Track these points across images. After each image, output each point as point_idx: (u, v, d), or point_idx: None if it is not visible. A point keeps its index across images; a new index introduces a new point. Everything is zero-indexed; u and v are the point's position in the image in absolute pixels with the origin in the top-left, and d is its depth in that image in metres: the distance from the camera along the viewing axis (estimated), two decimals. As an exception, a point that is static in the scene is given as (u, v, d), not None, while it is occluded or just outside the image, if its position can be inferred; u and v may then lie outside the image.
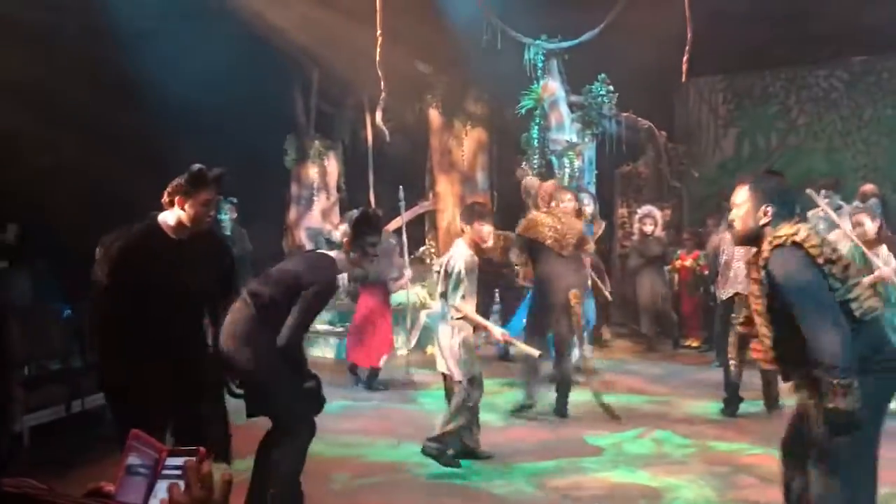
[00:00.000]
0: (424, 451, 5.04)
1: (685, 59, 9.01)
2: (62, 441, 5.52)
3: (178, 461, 1.21)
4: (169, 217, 3.72)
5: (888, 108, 11.31)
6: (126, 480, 1.22)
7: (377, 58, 8.32)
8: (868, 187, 8.58)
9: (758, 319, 3.28)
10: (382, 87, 8.65)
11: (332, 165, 11.35)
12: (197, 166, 3.70)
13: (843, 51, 11.21)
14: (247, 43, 9.04)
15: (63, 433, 5.61)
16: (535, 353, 5.70)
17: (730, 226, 3.59)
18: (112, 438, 3.41)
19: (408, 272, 8.03)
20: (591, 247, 7.04)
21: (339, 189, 11.45)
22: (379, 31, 8.19)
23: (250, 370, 3.86)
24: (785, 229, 3.16)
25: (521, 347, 5.85)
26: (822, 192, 8.15)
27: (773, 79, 12.13)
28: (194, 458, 1.21)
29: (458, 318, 5.15)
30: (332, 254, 4.15)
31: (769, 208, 3.24)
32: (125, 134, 8.57)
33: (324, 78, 10.89)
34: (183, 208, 3.67)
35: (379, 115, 9.36)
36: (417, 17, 9.29)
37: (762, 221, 3.25)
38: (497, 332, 5.60)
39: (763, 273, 3.17)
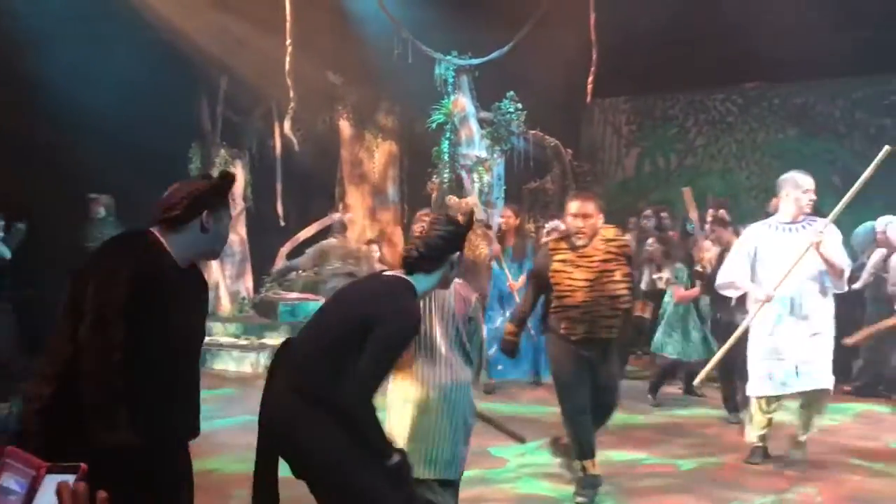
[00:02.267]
0: None
1: (590, 80, 9.31)
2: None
3: (58, 479, 1.15)
4: (179, 240, 2.73)
5: (779, 132, 11.91)
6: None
7: (287, 67, 8.25)
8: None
9: (613, 287, 4.60)
10: (292, 96, 8.58)
11: (239, 174, 11.15)
12: (227, 171, 2.87)
13: (739, 77, 11.76)
14: (153, 48, 8.82)
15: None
16: (522, 439, 4.75)
17: (577, 233, 4.58)
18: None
19: None
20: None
21: (245, 199, 11.25)
22: (289, 41, 8.13)
23: (296, 446, 2.90)
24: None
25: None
26: (710, 210, 8.60)
27: (673, 102, 12.62)
28: (71, 476, 1.16)
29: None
30: (404, 275, 3.11)
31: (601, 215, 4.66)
32: (22, 139, 8.22)
33: (231, 85, 10.70)
34: (207, 226, 2.74)
35: (287, 125, 9.27)
36: (328, 28, 9.27)
37: (600, 224, 4.64)
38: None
39: (625, 252, 4.70)
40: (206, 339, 10.41)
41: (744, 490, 4.97)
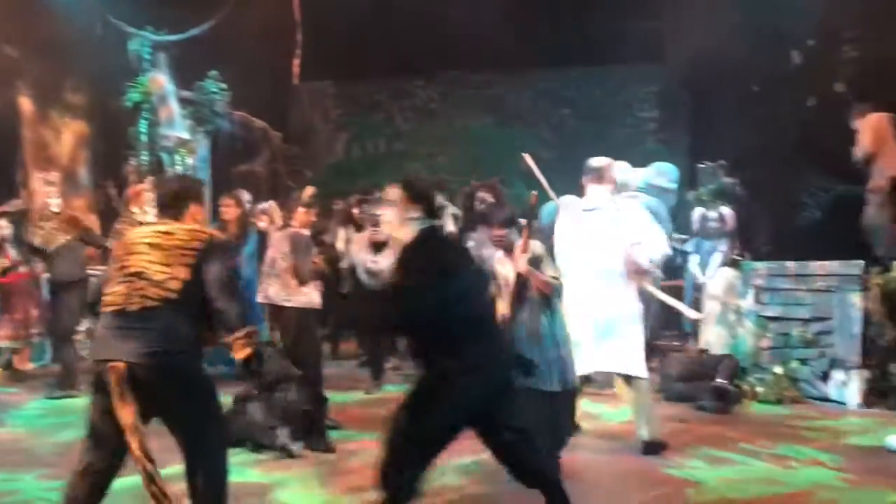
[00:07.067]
0: None
1: (296, 62, 9.29)
2: None
3: None
4: None
5: (475, 120, 12.74)
6: None
7: (-50, 37, 7.29)
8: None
9: None
10: (-45, 69, 7.61)
11: None
12: None
13: (438, 65, 12.37)
14: None
15: None
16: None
17: None
18: None
19: None
20: None
21: None
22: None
23: None
24: None
25: None
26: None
27: (379, 88, 12.98)
28: None
29: None
30: None
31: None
32: None
33: None
34: None
35: (-45, 101, 8.20)
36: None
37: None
38: None
39: None
40: None
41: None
